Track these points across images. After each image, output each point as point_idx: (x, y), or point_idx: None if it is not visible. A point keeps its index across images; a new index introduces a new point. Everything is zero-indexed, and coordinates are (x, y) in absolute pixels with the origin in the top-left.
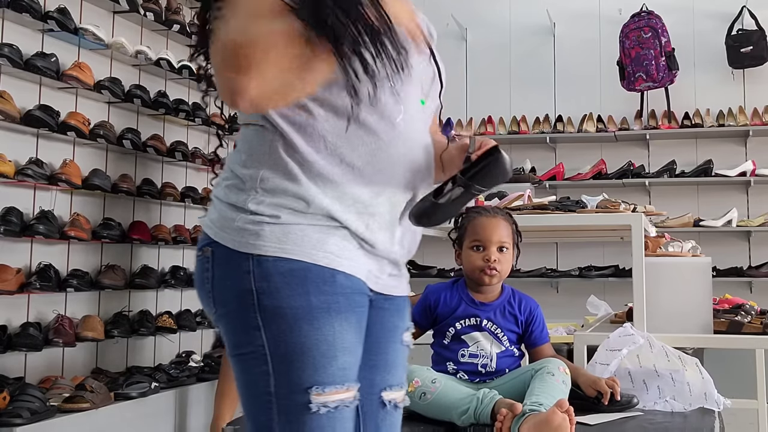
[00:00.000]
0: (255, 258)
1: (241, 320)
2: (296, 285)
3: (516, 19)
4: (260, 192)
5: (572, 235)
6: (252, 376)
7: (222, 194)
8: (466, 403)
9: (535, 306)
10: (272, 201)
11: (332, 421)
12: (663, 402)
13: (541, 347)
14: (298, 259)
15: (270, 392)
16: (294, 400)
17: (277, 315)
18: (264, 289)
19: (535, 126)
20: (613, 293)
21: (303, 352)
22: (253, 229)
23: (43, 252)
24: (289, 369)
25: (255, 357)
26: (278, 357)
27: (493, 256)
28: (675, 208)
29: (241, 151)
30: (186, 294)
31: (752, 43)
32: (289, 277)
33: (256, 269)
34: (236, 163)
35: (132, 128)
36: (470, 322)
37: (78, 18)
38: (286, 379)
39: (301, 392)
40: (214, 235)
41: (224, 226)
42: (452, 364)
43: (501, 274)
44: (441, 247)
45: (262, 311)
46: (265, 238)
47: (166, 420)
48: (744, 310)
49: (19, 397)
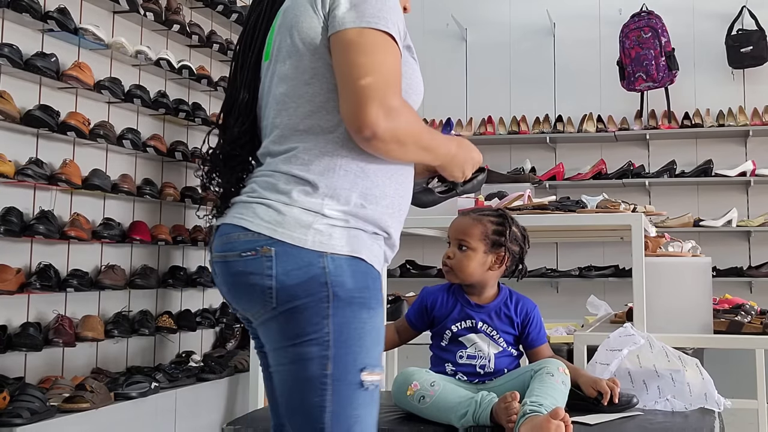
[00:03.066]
0: (329, 256)
1: (310, 311)
2: (360, 280)
3: (516, 19)
4: (333, 199)
5: (572, 235)
6: (310, 362)
7: (285, 198)
8: (465, 406)
9: (533, 307)
10: (342, 208)
11: (373, 397)
12: (663, 402)
13: (538, 348)
14: (362, 258)
15: (326, 374)
16: (348, 380)
17: (346, 305)
18: (338, 282)
19: (535, 126)
20: (613, 293)
21: (360, 337)
22: (327, 230)
23: (43, 252)
24: (347, 352)
25: (318, 343)
26: (340, 342)
27: (449, 252)
28: (675, 208)
29: (307, 159)
30: (186, 293)
31: (752, 43)
32: (356, 273)
33: (330, 265)
34: (303, 169)
35: (132, 128)
36: (466, 324)
37: (78, 18)
38: (343, 362)
39: (355, 372)
40: (278, 235)
41: (293, 226)
42: (450, 366)
43: (457, 273)
44: (441, 248)
45: (335, 302)
46: (336, 238)
47: (166, 420)
48: (744, 310)
49: (19, 397)
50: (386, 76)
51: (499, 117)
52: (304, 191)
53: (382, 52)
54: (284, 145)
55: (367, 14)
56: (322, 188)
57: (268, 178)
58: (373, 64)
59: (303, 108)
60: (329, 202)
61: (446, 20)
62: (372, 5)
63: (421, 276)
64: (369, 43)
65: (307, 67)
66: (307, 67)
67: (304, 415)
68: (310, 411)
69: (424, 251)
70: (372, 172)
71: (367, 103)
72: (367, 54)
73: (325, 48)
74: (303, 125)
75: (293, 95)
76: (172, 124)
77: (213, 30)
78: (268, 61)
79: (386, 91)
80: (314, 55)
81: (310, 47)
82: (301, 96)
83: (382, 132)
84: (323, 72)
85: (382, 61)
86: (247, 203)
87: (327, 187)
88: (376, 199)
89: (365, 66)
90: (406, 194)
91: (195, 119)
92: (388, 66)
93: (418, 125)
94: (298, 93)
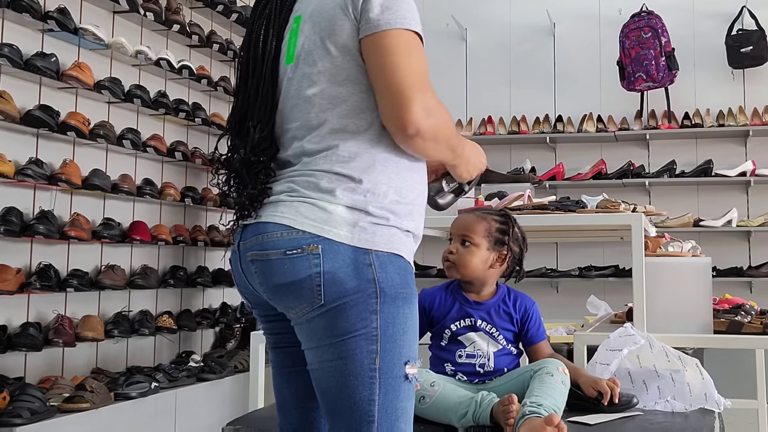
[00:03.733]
0: (374, 253)
1: (359, 307)
2: (403, 276)
3: (516, 19)
4: (374, 195)
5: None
6: (359, 357)
7: (329, 196)
8: (465, 406)
9: (531, 304)
10: (381, 203)
11: (413, 389)
12: (663, 402)
13: (537, 345)
14: (402, 255)
15: (374, 368)
16: (395, 373)
17: (392, 300)
18: (384, 278)
19: (535, 126)
20: (613, 293)
21: (404, 332)
22: (371, 228)
23: (43, 252)
24: (393, 346)
25: (366, 338)
26: (387, 336)
27: (451, 247)
28: (675, 208)
29: (347, 156)
30: (186, 293)
31: (752, 43)
32: (399, 270)
33: (375, 262)
34: (344, 167)
35: (132, 128)
36: (465, 323)
37: (78, 18)
38: (390, 356)
39: (400, 366)
40: (325, 233)
41: (339, 224)
42: (450, 365)
43: (460, 268)
44: (441, 248)
45: (382, 297)
46: (379, 236)
47: (166, 420)
48: (744, 310)
49: (19, 397)
50: (423, 76)
51: (499, 117)
52: (348, 188)
53: (416, 52)
54: (321, 144)
55: (399, 15)
56: (365, 183)
57: (309, 177)
58: (411, 64)
59: (338, 108)
60: (371, 198)
61: (446, 20)
62: (402, 6)
63: (421, 276)
64: (404, 44)
65: (341, 68)
66: (340, 69)
67: (351, 410)
68: (359, 405)
69: (424, 251)
70: (404, 168)
71: (411, 103)
72: (404, 55)
73: (356, 50)
74: (339, 124)
75: (327, 96)
76: (172, 124)
77: (213, 30)
78: (292, 64)
79: (425, 91)
80: (346, 56)
81: (343, 50)
82: (336, 97)
83: (424, 130)
84: (355, 73)
85: (417, 62)
86: (287, 202)
87: (369, 182)
88: (407, 194)
89: (405, 67)
90: (425, 190)
91: (195, 119)
92: (423, 66)
93: (451, 125)
94: (332, 94)
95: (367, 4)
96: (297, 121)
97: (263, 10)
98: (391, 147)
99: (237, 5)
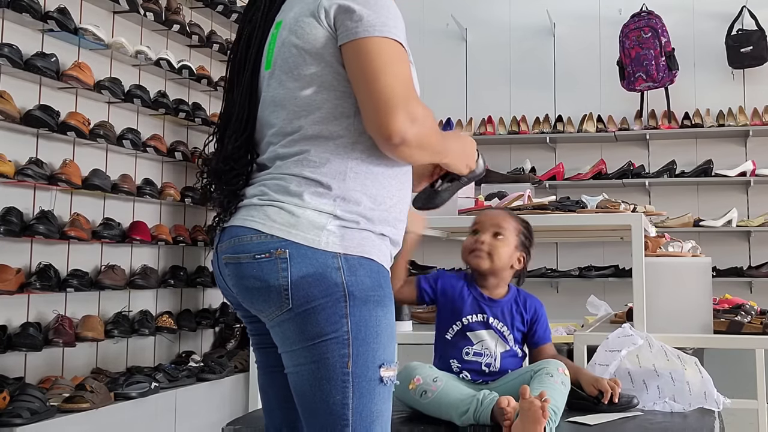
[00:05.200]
0: (343, 256)
1: (328, 311)
2: (375, 279)
3: (516, 19)
4: (344, 201)
5: (572, 235)
6: (331, 361)
7: (298, 200)
8: (467, 404)
9: (540, 305)
10: (353, 209)
11: (389, 392)
12: (663, 402)
13: (543, 347)
14: (373, 258)
15: (347, 372)
16: (368, 377)
17: (362, 303)
18: (353, 282)
19: (535, 126)
20: (613, 293)
21: (378, 334)
22: (339, 232)
23: (43, 252)
24: (366, 350)
25: (337, 342)
26: (359, 340)
27: (483, 237)
28: (675, 208)
29: (318, 162)
30: (186, 293)
31: (752, 43)
32: (371, 273)
33: (344, 265)
34: (314, 172)
35: (132, 128)
36: (478, 318)
37: (78, 18)
38: (362, 359)
39: (374, 369)
40: (292, 237)
41: (307, 228)
42: (456, 362)
43: (492, 260)
44: (441, 247)
45: (351, 301)
46: (348, 239)
47: (166, 420)
48: (744, 310)
49: (19, 397)
50: (406, 84)
51: (499, 117)
52: (316, 192)
53: (398, 61)
54: (294, 148)
55: (378, 23)
56: (334, 190)
57: (279, 181)
58: (393, 73)
59: (313, 115)
60: (341, 204)
61: (446, 20)
62: (379, 13)
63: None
64: (384, 52)
65: (315, 75)
66: (314, 76)
67: (326, 414)
68: (333, 409)
69: (424, 251)
70: (380, 175)
71: (394, 112)
72: (386, 63)
73: (332, 57)
74: (313, 131)
75: (301, 103)
76: (172, 124)
77: (213, 30)
78: (270, 70)
79: (409, 99)
80: (321, 63)
81: (317, 57)
82: (310, 104)
83: (410, 138)
84: (330, 80)
85: (399, 70)
86: (258, 206)
87: (339, 189)
88: (384, 201)
89: (387, 75)
90: (407, 195)
91: (195, 119)
92: (405, 74)
93: (436, 130)
94: (307, 101)
95: (344, 11)
96: (273, 127)
97: (253, 15)
98: (367, 154)
99: (237, 5)
